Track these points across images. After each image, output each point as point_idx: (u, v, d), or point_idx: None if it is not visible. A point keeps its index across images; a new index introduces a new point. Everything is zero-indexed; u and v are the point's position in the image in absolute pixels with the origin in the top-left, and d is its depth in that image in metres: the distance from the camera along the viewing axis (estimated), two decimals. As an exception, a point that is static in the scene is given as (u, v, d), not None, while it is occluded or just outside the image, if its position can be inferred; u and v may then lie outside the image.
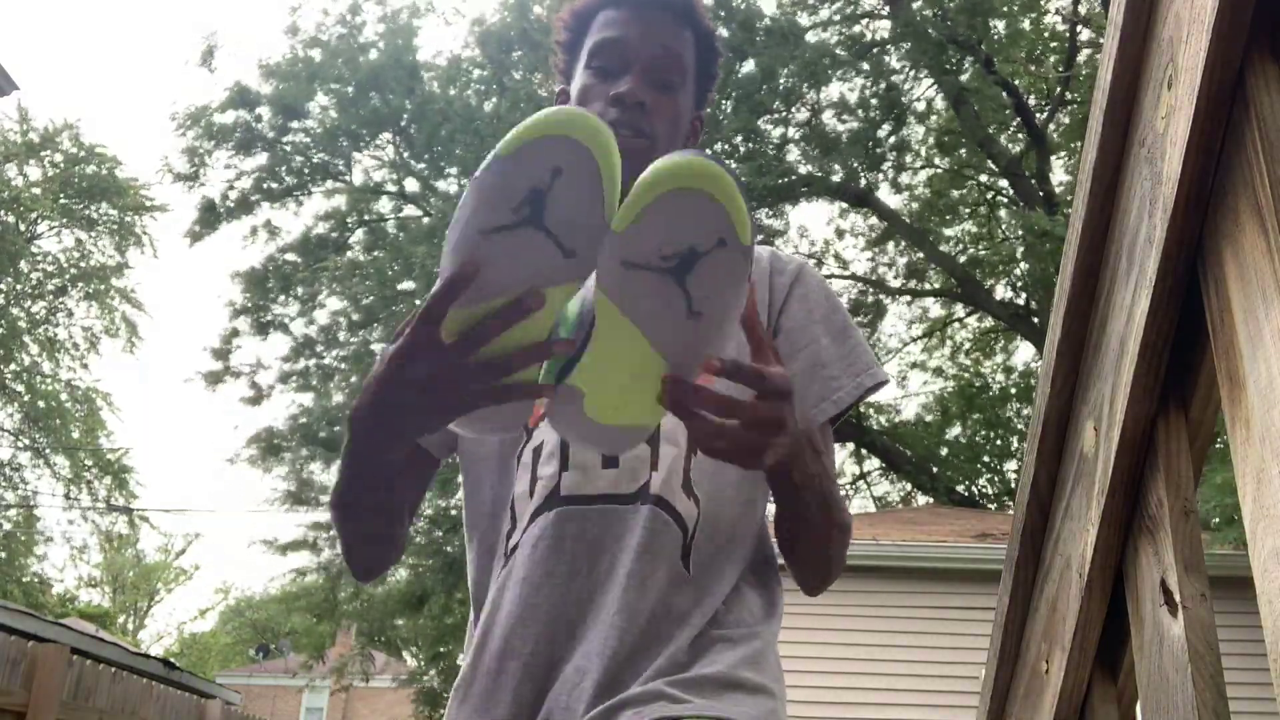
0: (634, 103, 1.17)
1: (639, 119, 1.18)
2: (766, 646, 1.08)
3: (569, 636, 1.03)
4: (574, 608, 1.04)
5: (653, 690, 0.98)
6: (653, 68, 1.20)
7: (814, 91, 12.97)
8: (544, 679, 1.03)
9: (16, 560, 21.31)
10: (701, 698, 0.98)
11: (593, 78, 1.22)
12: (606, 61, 1.21)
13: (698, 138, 1.31)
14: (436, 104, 13.12)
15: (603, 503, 1.07)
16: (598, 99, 1.20)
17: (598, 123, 0.78)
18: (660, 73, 1.20)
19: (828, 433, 1.15)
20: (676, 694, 0.98)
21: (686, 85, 1.23)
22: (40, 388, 20.34)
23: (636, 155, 1.14)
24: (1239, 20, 0.77)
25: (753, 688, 1.02)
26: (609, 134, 0.78)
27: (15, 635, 5.81)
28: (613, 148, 0.78)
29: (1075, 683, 1.15)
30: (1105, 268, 1.04)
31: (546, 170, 0.76)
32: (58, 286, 20.45)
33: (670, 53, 1.21)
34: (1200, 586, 0.91)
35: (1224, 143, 0.81)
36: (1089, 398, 1.08)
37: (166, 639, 35.90)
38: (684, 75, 1.23)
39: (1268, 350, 0.73)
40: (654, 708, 0.96)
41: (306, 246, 14.21)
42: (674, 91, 1.21)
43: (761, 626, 1.09)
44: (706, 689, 0.99)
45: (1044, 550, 1.22)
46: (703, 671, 1.00)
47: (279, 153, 14.46)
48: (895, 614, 7.68)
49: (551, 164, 0.76)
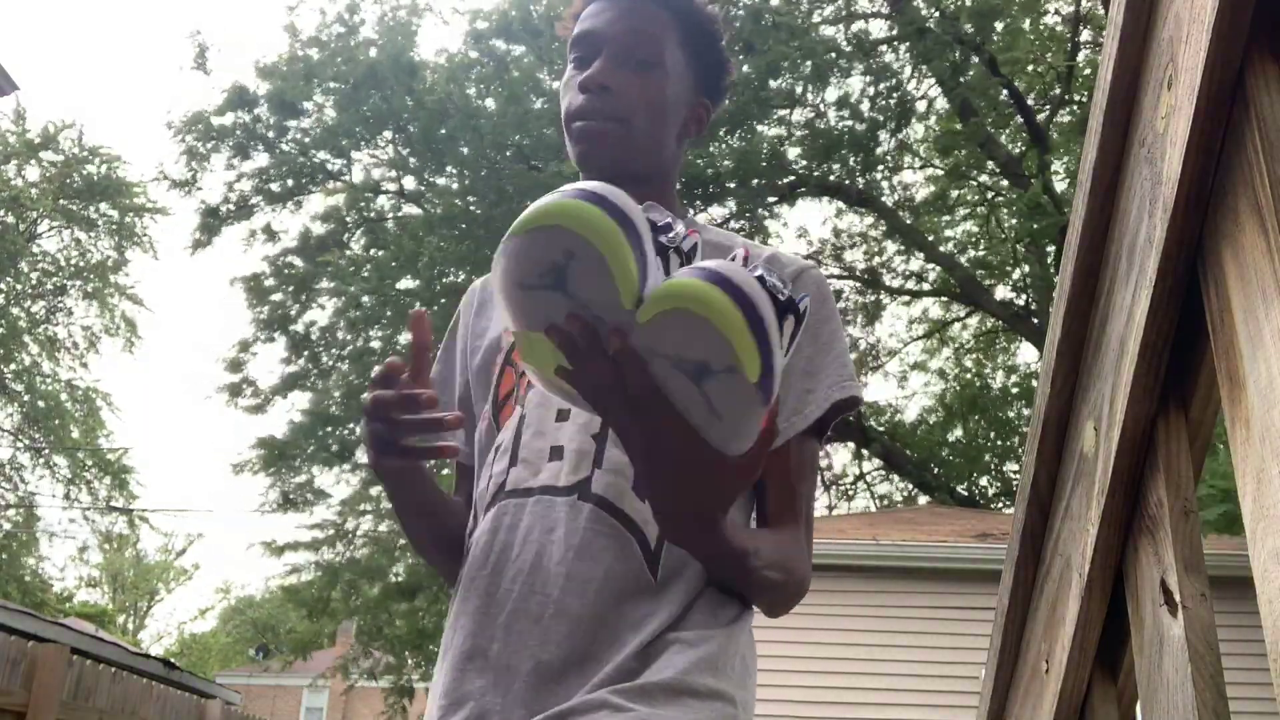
0: (596, 87, 1.17)
1: (607, 103, 1.17)
2: (725, 648, 1.03)
3: (506, 631, 1.02)
4: (505, 602, 1.04)
5: (596, 699, 0.95)
6: (620, 48, 1.18)
7: (815, 89, 12.97)
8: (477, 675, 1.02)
9: (17, 560, 21.31)
10: (647, 706, 0.94)
11: (571, 69, 1.23)
12: (582, 52, 1.21)
13: (703, 126, 1.28)
14: (435, 100, 13.11)
15: (540, 494, 1.07)
16: (570, 89, 1.20)
17: (595, 215, 0.79)
18: (628, 52, 1.19)
19: (805, 446, 1.12)
20: (620, 703, 0.94)
21: (665, 64, 1.20)
22: (40, 388, 20.34)
23: (608, 140, 1.17)
24: (1239, 20, 0.77)
25: (707, 693, 0.98)
26: (610, 226, 0.79)
27: (15, 635, 5.81)
28: (617, 239, 0.79)
29: (1075, 683, 1.15)
30: (1105, 268, 1.04)
31: (560, 251, 0.79)
32: (57, 286, 20.45)
33: (638, 32, 1.19)
34: (1200, 586, 0.91)
35: (1224, 143, 0.81)
36: (1089, 398, 1.08)
37: (166, 639, 35.95)
38: (659, 53, 1.20)
39: (1268, 350, 0.73)
40: (596, 717, 0.93)
41: (306, 248, 14.21)
42: (647, 70, 1.19)
43: (723, 629, 1.04)
44: (656, 697, 0.95)
45: (1044, 550, 1.22)
46: (652, 679, 0.96)
47: (278, 154, 14.46)
48: (895, 614, 7.68)
49: (562, 247, 0.79)
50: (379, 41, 14.03)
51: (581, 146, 1.18)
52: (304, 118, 14.37)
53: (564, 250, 0.79)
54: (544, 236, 0.79)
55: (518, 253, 0.81)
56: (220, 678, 25.72)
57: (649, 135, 1.20)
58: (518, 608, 1.03)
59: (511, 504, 1.08)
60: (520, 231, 0.80)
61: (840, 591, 7.69)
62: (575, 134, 1.18)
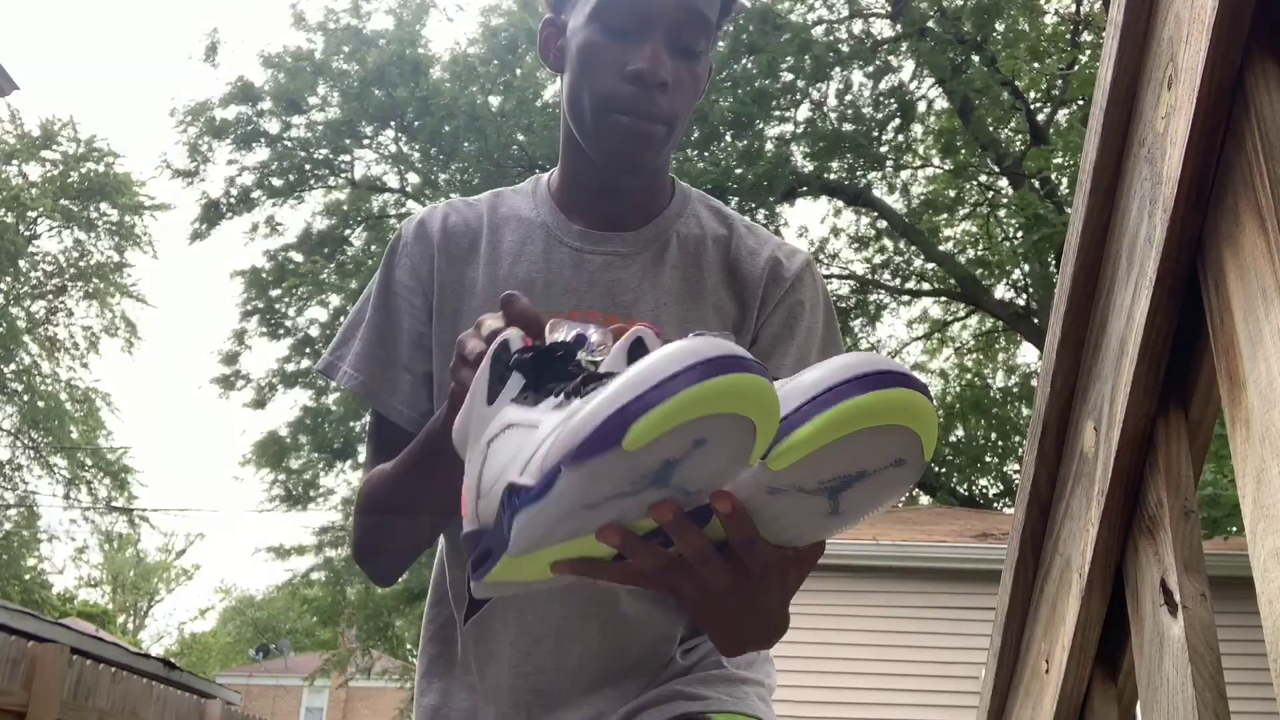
0: (656, 83, 1.00)
1: (660, 102, 1.02)
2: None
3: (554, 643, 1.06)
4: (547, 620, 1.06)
5: (669, 690, 1.03)
6: (677, 32, 1.02)
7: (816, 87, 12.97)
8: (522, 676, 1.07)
9: (18, 561, 21.31)
10: (716, 693, 1.04)
11: (602, 36, 1.02)
12: (621, 20, 1.01)
13: (703, 90, 1.15)
14: (442, 99, 13.11)
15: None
16: (609, 70, 1.02)
17: (769, 391, 0.59)
18: (684, 38, 1.03)
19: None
20: (694, 691, 1.03)
21: (708, 49, 1.07)
22: (40, 388, 20.33)
23: (653, 143, 1.03)
24: (1239, 20, 0.77)
25: (753, 682, 1.09)
26: (775, 398, 0.60)
27: (15, 635, 5.80)
28: (776, 408, 0.61)
29: (1075, 683, 1.15)
30: (1105, 268, 1.04)
31: (689, 442, 0.59)
32: (57, 286, 20.45)
33: (695, 13, 1.02)
34: (1200, 586, 0.91)
35: (1224, 143, 0.81)
36: (1089, 398, 1.08)
37: (166, 639, 35.94)
38: (709, 37, 1.05)
39: (1268, 350, 0.73)
40: (672, 706, 1.02)
41: (307, 242, 14.21)
42: (697, 59, 1.05)
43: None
44: (718, 685, 1.05)
45: (1044, 550, 1.22)
46: (710, 672, 1.06)
47: (280, 148, 14.46)
48: (895, 614, 7.68)
49: (697, 437, 0.59)
50: (383, 38, 14.03)
51: (620, 146, 1.03)
52: (308, 113, 14.37)
53: (695, 439, 0.58)
54: (678, 435, 0.57)
55: (612, 471, 0.59)
56: (220, 678, 25.71)
57: (682, 127, 1.07)
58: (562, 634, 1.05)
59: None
60: (640, 444, 0.57)
61: (840, 591, 7.69)
62: (616, 130, 1.02)
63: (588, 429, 0.58)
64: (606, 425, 0.57)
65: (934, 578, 7.77)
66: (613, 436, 0.57)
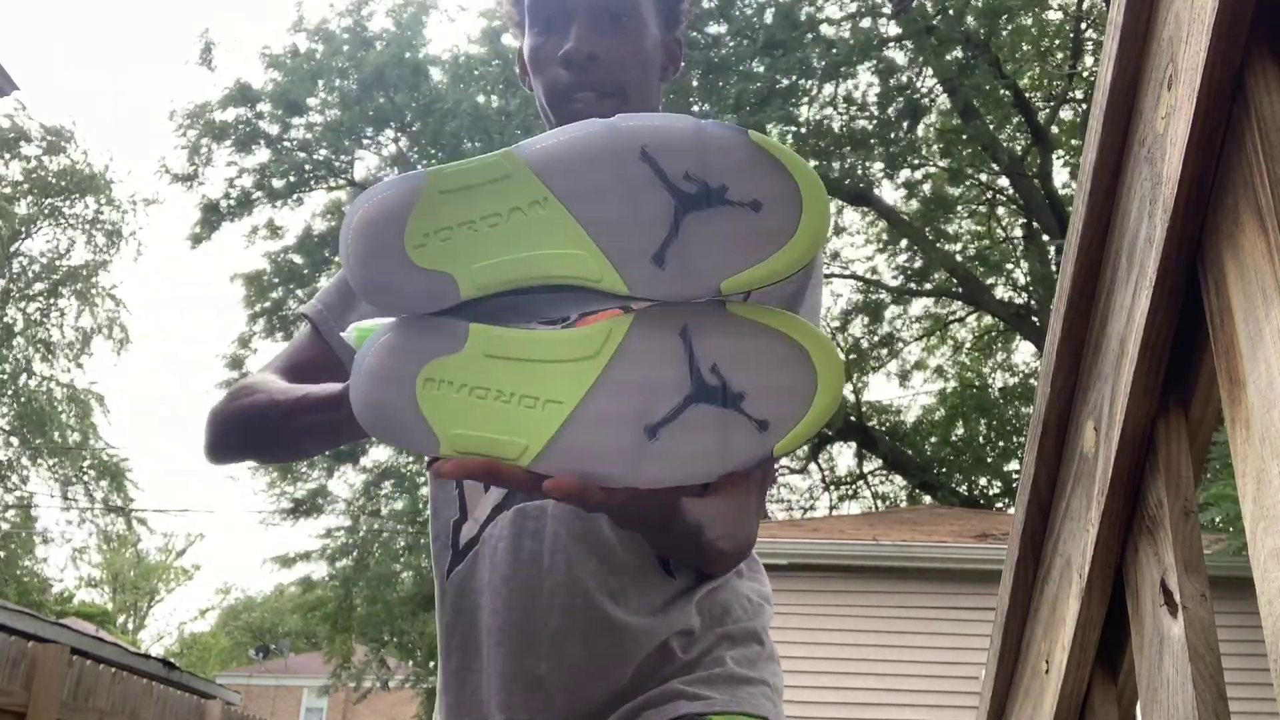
0: (582, 59, 1.07)
1: (596, 75, 1.08)
2: (763, 639, 1.12)
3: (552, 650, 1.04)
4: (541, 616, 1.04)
5: (671, 690, 1.02)
6: (594, 10, 1.08)
7: (818, 86, 12.96)
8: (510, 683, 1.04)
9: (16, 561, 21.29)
10: (718, 694, 1.02)
11: (538, 37, 1.11)
12: (546, 16, 1.10)
13: (678, 64, 1.20)
14: (443, 101, 13.11)
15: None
16: (548, 63, 1.10)
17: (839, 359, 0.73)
18: (603, 13, 1.09)
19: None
20: (695, 691, 1.01)
21: (641, 15, 1.11)
22: (32, 389, 20.29)
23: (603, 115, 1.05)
24: (1239, 20, 0.77)
25: (758, 682, 1.08)
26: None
27: (15, 635, 5.80)
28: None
29: (1075, 683, 1.15)
30: (1105, 268, 1.04)
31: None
32: (47, 288, 20.39)
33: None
34: (1200, 586, 0.91)
35: (1224, 143, 0.81)
36: (1089, 398, 1.08)
37: (166, 639, 35.93)
38: (634, 6, 1.11)
39: (1268, 350, 0.73)
40: (674, 706, 1.00)
41: (307, 244, 14.21)
42: (624, 25, 1.10)
43: (756, 619, 1.12)
44: (719, 685, 1.03)
45: (1044, 550, 1.22)
46: (712, 670, 1.05)
47: (280, 149, 14.46)
48: (895, 614, 7.68)
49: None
50: (383, 39, 14.02)
51: None
52: (308, 114, 14.36)
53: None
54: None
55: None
56: (220, 678, 25.70)
57: (641, 97, 1.11)
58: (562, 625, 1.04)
59: (532, 509, 1.06)
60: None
61: (840, 592, 7.69)
62: (568, 115, 1.07)
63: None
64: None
65: (934, 578, 7.77)
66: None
